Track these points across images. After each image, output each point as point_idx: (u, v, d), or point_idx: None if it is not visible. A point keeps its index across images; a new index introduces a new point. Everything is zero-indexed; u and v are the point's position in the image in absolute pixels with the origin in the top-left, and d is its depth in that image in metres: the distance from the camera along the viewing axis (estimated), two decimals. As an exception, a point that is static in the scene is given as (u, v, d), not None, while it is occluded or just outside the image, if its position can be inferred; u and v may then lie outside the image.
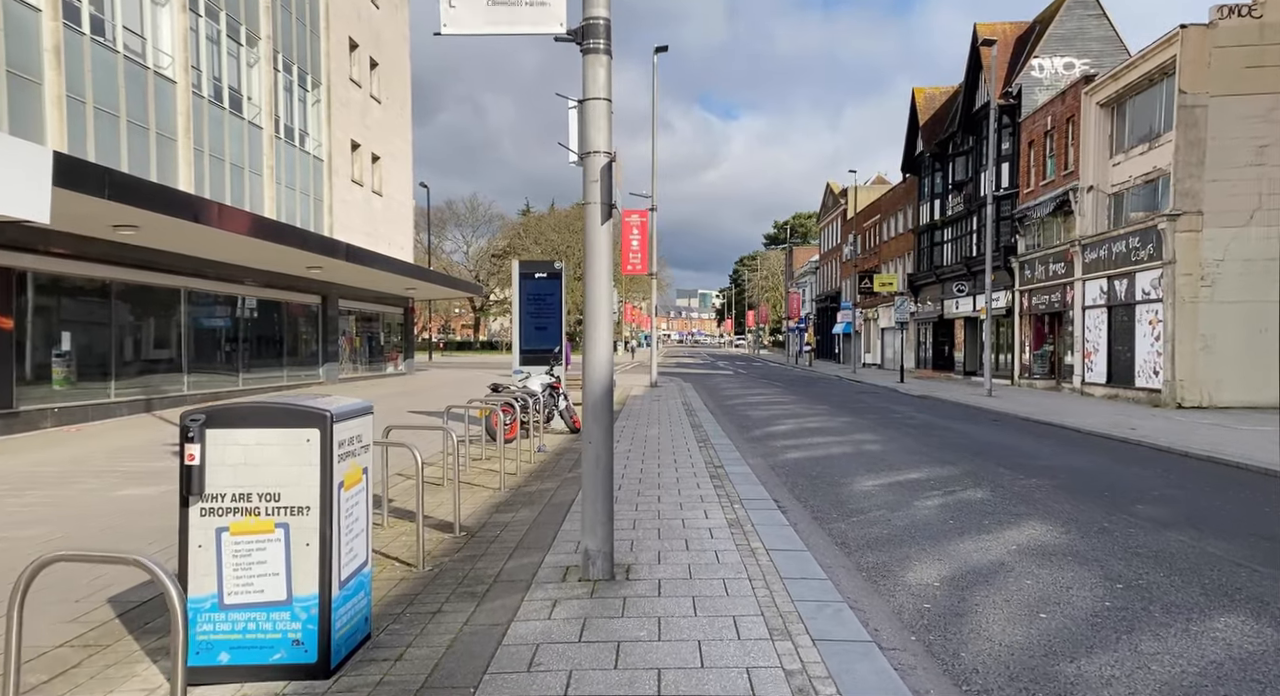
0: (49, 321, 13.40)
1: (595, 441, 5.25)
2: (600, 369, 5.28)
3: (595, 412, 5.26)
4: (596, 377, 5.28)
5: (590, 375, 5.28)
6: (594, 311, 5.30)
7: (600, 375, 5.28)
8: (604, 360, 5.29)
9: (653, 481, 8.73)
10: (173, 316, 16.74)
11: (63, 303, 13.71)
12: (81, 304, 14.15)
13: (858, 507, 8.00)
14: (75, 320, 13.95)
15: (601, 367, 5.28)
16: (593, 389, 5.27)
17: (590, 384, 5.28)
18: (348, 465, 3.94)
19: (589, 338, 5.31)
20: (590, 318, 5.31)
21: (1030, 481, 9.58)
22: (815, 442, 13.09)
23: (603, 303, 5.30)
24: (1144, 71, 20.78)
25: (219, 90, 19.22)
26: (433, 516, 7.21)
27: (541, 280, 14.22)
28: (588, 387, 5.29)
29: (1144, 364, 20.50)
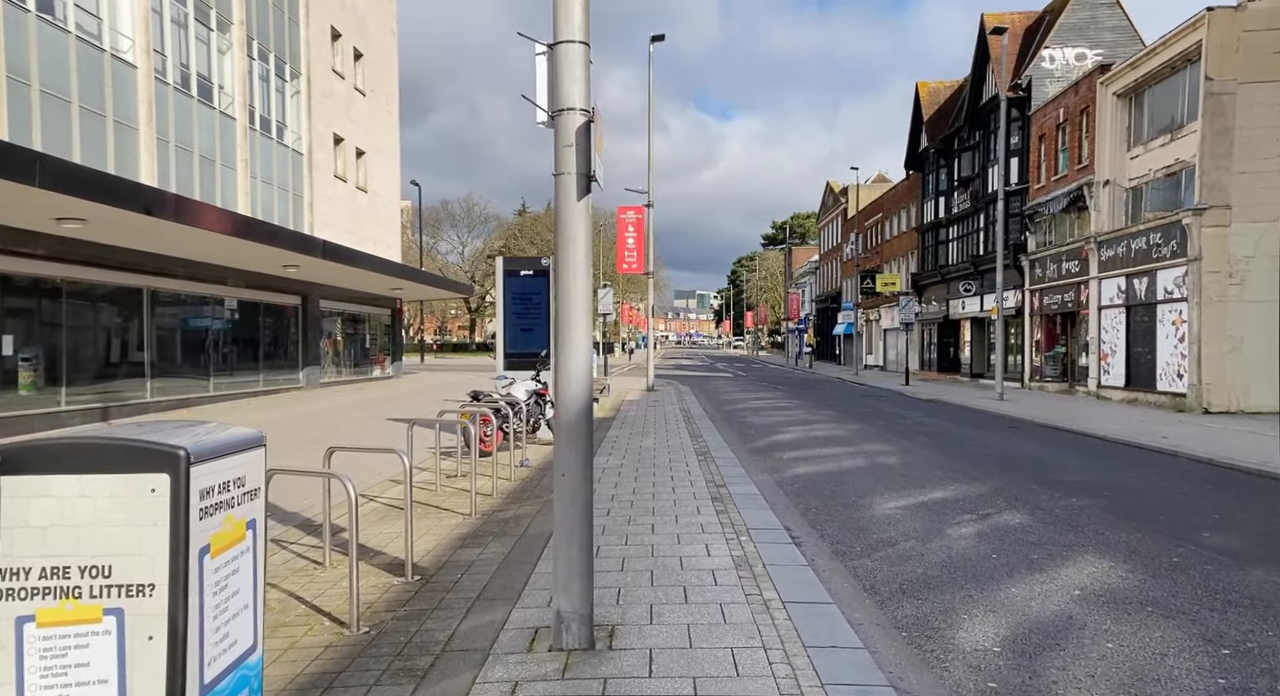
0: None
1: (571, 473, 4.18)
2: (576, 380, 4.20)
3: (570, 435, 4.19)
4: (572, 392, 4.20)
5: (564, 388, 4.21)
6: (568, 309, 4.22)
7: (576, 389, 4.20)
8: (580, 369, 4.21)
9: (646, 505, 7.66)
10: (134, 318, 15.64)
11: (3, 303, 12.60)
12: (26, 304, 13.05)
13: (883, 537, 6.92)
14: (19, 322, 12.85)
15: (577, 379, 4.21)
16: (567, 405, 4.20)
17: (564, 399, 4.21)
18: (219, 521, 2.85)
19: (562, 341, 4.24)
20: (564, 316, 4.24)
21: (1071, 501, 8.53)
22: (825, 454, 12.03)
23: (579, 298, 4.23)
24: (1165, 59, 19.74)
25: (186, 77, 18.12)
26: (385, 553, 6.14)
27: (528, 278, 13.13)
28: (561, 404, 4.22)
29: (1166, 366, 19.45)
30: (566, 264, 4.23)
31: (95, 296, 14.64)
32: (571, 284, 4.22)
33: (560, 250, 4.25)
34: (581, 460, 4.18)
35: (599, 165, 4.33)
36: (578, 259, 4.22)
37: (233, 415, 16.41)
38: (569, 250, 4.22)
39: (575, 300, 4.22)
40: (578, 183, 4.21)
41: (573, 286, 4.22)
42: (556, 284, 4.27)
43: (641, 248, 25.34)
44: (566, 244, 4.22)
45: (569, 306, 4.22)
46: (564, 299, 4.24)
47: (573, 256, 4.22)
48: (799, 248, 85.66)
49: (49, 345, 13.47)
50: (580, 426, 4.20)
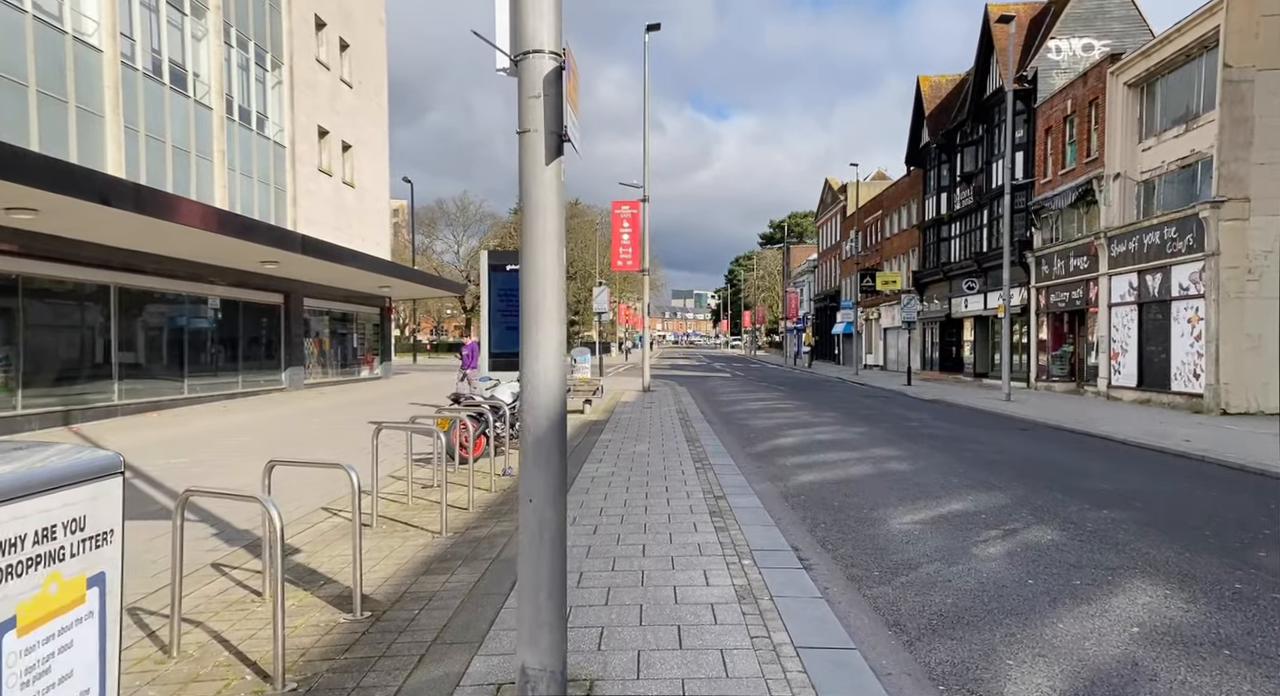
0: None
1: (539, 498, 3.41)
2: (545, 386, 3.43)
3: (538, 452, 3.42)
4: (540, 399, 3.43)
5: (530, 396, 3.44)
6: (535, 298, 3.45)
7: (545, 396, 3.43)
8: (551, 372, 3.44)
9: (638, 520, 6.89)
10: (101, 316, 14.84)
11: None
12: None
13: (902, 559, 6.16)
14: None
15: (547, 384, 3.44)
16: (534, 416, 3.43)
17: (530, 409, 3.44)
18: (34, 583, 2.09)
19: (528, 337, 3.47)
20: (530, 307, 3.47)
21: (1103, 513, 7.78)
22: (830, 460, 11.27)
23: (549, 285, 3.46)
24: (1180, 46, 19.02)
25: (157, 63, 17.29)
26: (336, 581, 5.37)
27: (514, 273, 12.35)
28: (526, 414, 3.45)
29: (1181, 366, 18.73)
30: (533, 242, 3.46)
31: (58, 293, 13.84)
32: (539, 267, 3.45)
33: (526, 225, 3.48)
34: (552, 483, 3.42)
35: (573, 122, 3.56)
36: (547, 234, 3.45)
37: (205, 418, 15.62)
38: (537, 224, 3.45)
39: (544, 287, 3.45)
40: (546, 142, 3.43)
41: (541, 270, 3.45)
42: (521, 266, 3.50)
43: (637, 244, 24.56)
44: (534, 217, 3.45)
45: (536, 294, 3.45)
46: (530, 285, 3.47)
47: (540, 232, 3.44)
48: (797, 246, 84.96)
49: (5, 344, 12.67)
50: (550, 441, 3.43)
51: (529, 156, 3.45)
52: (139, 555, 5.87)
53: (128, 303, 15.54)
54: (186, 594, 5.07)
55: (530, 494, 3.42)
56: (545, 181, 3.45)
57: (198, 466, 10.05)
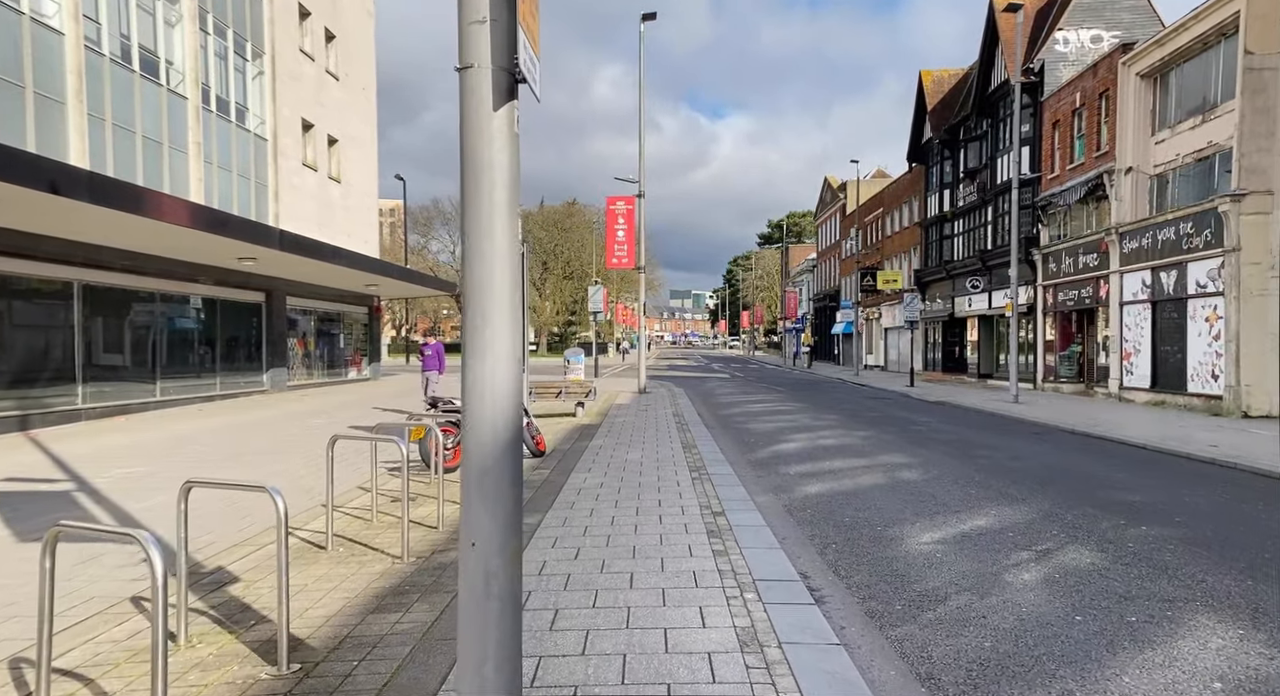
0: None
1: (484, 542, 2.64)
2: (494, 397, 2.66)
3: (483, 484, 2.65)
4: (487, 415, 2.66)
5: (475, 410, 2.67)
6: (480, 285, 2.68)
7: (493, 411, 2.66)
8: (502, 381, 2.67)
9: (626, 542, 6.13)
10: (63, 315, 14.05)
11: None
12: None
13: (927, 589, 5.39)
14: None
15: (497, 395, 2.66)
16: (478, 437, 2.66)
17: (474, 427, 2.66)
18: None
19: (472, 338, 2.70)
20: (474, 298, 2.70)
21: (1140, 530, 7.03)
22: (836, 468, 10.51)
23: (499, 266, 2.68)
24: (1197, 34, 18.28)
25: (126, 49, 16.48)
26: (272, 620, 4.59)
27: (498, 268, 11.59)
28: (469, 435, 2.68)
29: (1199, 366, 17.99)
30: (477, 213, 2.68)
31: (15, 291, 13.05)
32: (485, 246, 2.68)
33: (468, 192, 2.70)
34: (502, 522, 2.64)
35: (531, 57, 2.79)
36: (495, 204, 2.68)
37: (178, 422, 14.82)
38: (482, 190, 2.67)
39: (492, 270, 2.68)
40: (495, 81, 2.67)
41: (487, 250, 2.67)
42: (463, 244, 2.73)
43: (632, 241, 23.80)
44: (477, 180, 2.68)
45: (481, 279, 2.68)
46: (474, 268, 2.69)
47: (486, 200, 2.67)
48: (795, 246, 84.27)
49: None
50: (500, 468, 2.65)
51: (471, 101, 2.68)
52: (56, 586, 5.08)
53: (94, 301, 14.75)
54: (91, 637, 4.31)
55: (473, 536, 2.64)
56: (493, 134, 2.68)
57: (152, 477, 9.27)
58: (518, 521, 2.69)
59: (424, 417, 9.51)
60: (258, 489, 4.04)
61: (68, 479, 9.17)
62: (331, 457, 6.40)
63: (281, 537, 3.91)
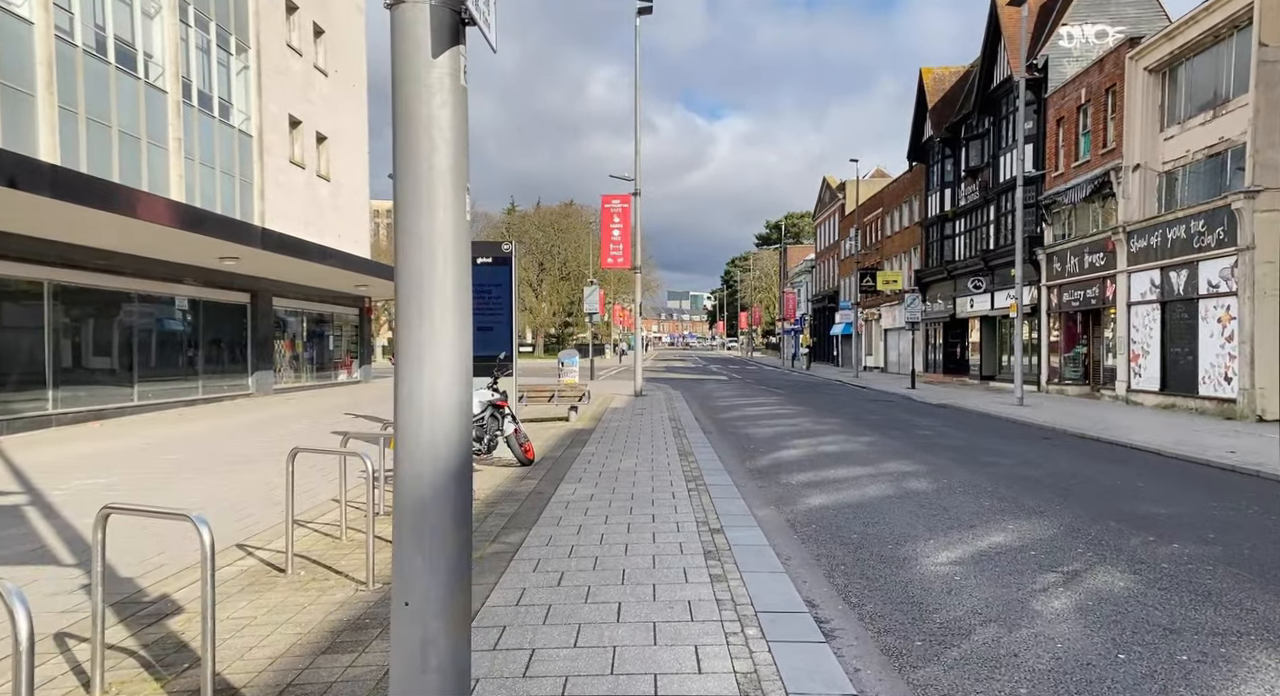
0: None
1: (419, 601, 2.10)
2: (434, 416, 2.11)
3: (420, 526, 2.10)
4: (425, 437, 2.11)
5: (411, 430, 2.12)
6: (417, 272, 2.14)
7: (432, 433, 2.11)
8: (446, 397, 2.12)
9: (615, 565, 5.58)
10: (32, 316, 13.47)
11: None
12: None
13: (949, 620, 4.85)
14: None
15: (438, 411, 2.12)
16: (415, 465, 2.11)
17: (410, 453, 2.12)
18: None
19: (407, 338, 2.15)
20: (409, 288, 2.15)
21: (1173, 548, 6.50)
22: (840, 477, 9.97)
23: (441, 254, 2.14)
24: (1208, 26, 17.78)
25: (101, 40, 15.90)
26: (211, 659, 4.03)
27: (485, 267, 11.04)
28: (403, 462, 2.13)
29: (1211, 368, 17.48)
30: (414, 182, 2.14)
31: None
32: (424, 224, 2.13)
33: (402, 152, 2.16)
34: (446, 577, 2.09)
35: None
36: (435, 171, 2.13)
37: (154, 428, 14.26)
38: (419, 154, 2.13)
39: (433, 254, 2.13)
40: (435, 19, 2.12)
41: (425, 229, 2.13)
42: (396, 217, 2.19)
43: (627, 240, 23.26)
44: (413, 138, 2.13)
45: (420, 265, 2.13)
46: (409, 250, 2.14)
47: (424, 164, 2.13)
48: (794, 247, 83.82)
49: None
50: (443, 509, 2.10)
51: (406, 44, 2.14)
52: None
53: (67, 302, 14.18)
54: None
55: (407, 592, 2.09)
56: (432, 86, 2.13)
57: (112, 490, 8.71)
58: (464, 573, 2.15)
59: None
60: (180, 517, 3.48)
61: (19, 492, 8.61)
62: (292, 472, 5.85)
63: (207, 576, 3.35)
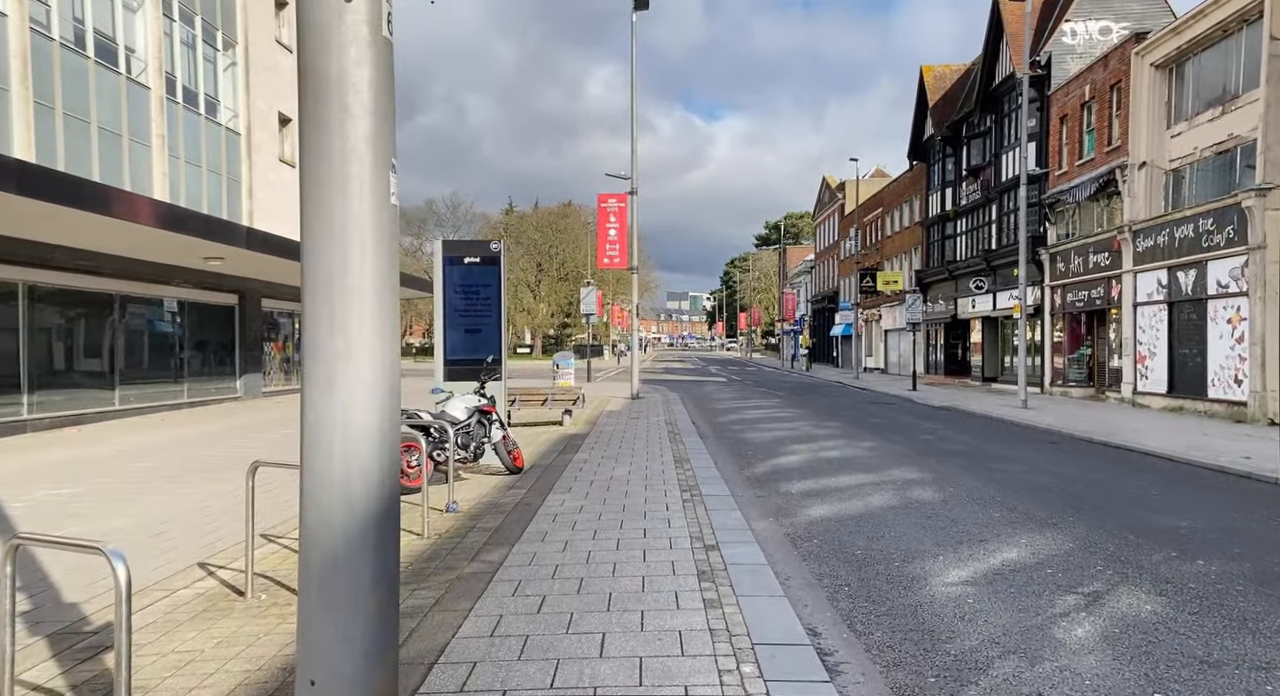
0: None
1: (326, 682, 1.67)
2: (347, 449, 1.70)
3: (330, 580, 1.72)
4: (335, 476, 1.70)
5: (316, 468, 1.70)
6: (330, 273, 1.72)
7: (345, 471, 1.70)
8: (365, 425, 1.70)
9: (602, 587, 5.16)
10: (5, 318, 13.04)
11: None
12: None
13: (964, 652, 4.43)
14: None
15: (353, 445, 1.70)
16: (320, 512, 1.69)
17: (315, 490, 1.70)
18: None
19: (311, 351, 1.74)
20: (317, 290, 1.73)
21: (1198, 565, 6.09)
22: (842, 486, 9.56)
23: (360, 249, 1.71)
24: (1216, 21, 17.39)
25: (80, 34, 15.47)
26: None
27: (473, 266, 10.63)
28: (310, 495, 1.72)
29: (1220, 370, 17.07)
30: (324, 149, 1.73)
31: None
32: (333, 202, 1.71)
33: (308, 118, 1.75)
34: (363, 650, 1.68)
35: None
36: (349, 140, 1.72)
37: (135, 433, 13.83)
38: (329, 115, 1.71)
39: (345, 245, 1.71)
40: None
41: (337, 207, 1.71)
42: (301, 198, 1.77)
43: (624, 240, 22.84)
44: (321, 100, 1.73)
45: (330, 261, 1.71)
46: (316, 240, 1.73)
47: (335, 133, 1.72)
48: (793, 247, 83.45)
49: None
50: (361, 566, 1.70)
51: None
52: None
53: (43, 303, 13.77)
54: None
55: (312, 670, 1.68)
56: (345, 38, 1.72)
57: (78, 500, 8.29)
58: (386, 644, 1.73)
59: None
60: (92, 550, 3.05)
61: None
62: (252, 487, 5.42)
63: (121, 619, 2.92)
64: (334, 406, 1.70)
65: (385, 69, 1.78)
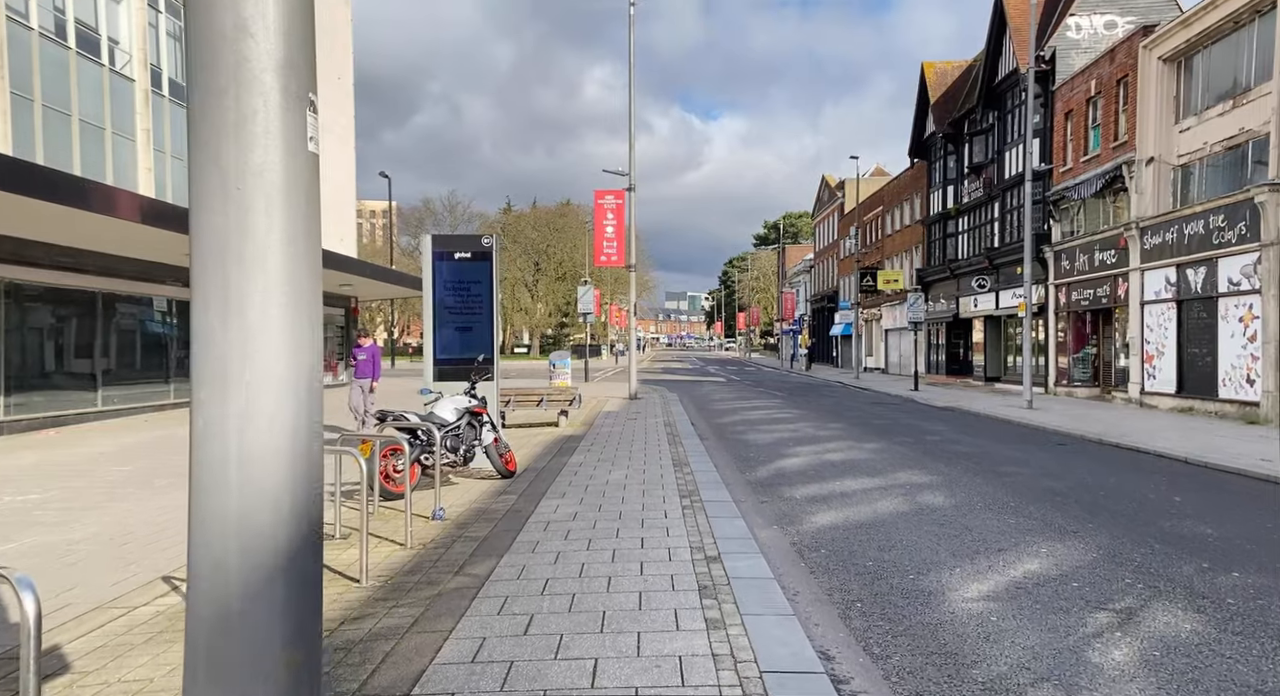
0: None
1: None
2: (246, 466, 1.30)
3: (220, 655, 1.28)
4: (230, 505, 1.30)
5: (206, 490, 1.30)
6: (222, 237, 1.30)
7: (241, 496, 1.29)
8: (268, 434, 1.29)
9: (594, 606, 4.75)
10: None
11: None
12: None
13: (991, 679, 4.03)
14: None
15: (254, 460, 1.29)
16: (207, 550, 1.28)
17: (203, 521, 1.30)
18: None
19: (202, 340, 1.31)
20: (209, 259, 1.31)
21: (1233, 578, 5.71)
22: (848, 490, 9.15)
23: (266, 210, 1.30)
24: (1227, 12, 17.00)
25: (61, 24, 15.03)
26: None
27: (464, 262, 10.23)
28: (195, 546, 1.31)
29: (1231, 370, 16.68)
30: (212, 77, 1.32)
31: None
32: (227, 150, 1.31)
33: (195, 38, 1.33)
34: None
35: None
36: (251, 64, 1.31)
37: (115, 435, 13.41)
38: (219, 29, 1.30)
39: (246, 208, 1.31)
40: None
41: (229, 155, 1.30)
42: (189, 150, 1.36)
43: (622, 238, 22.43)
44: (211, 9, 1.30)
45: (226, 224, 1.31)
46: (208, 202, 1.32)
47: (228, 54, 1.30)
48: (792, 246, 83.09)
49: None
50: (270, 626, 1.28)
51: None
52: None
53: (21, 301, 13.34)
54: None
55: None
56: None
57: (42, 508, 7.86)
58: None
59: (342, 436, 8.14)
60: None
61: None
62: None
63: (28, 657, 2.51)
64: (227, 415, 1.29)
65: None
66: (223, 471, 1.30)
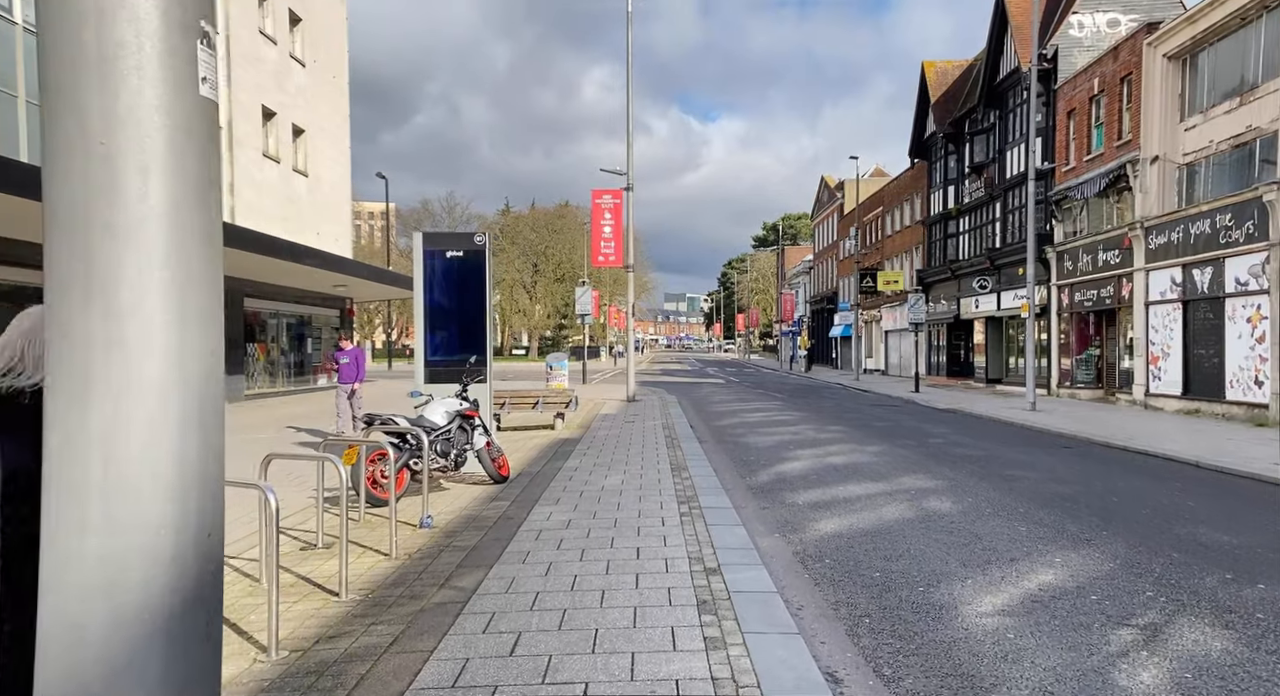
0: None
1: None
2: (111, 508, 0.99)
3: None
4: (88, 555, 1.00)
5: (58, 533, 1.00)
6: (82, 201, 1.01)
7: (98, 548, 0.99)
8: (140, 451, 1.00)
9: (586, 623, 4.46)
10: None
11: None
12: None
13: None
14: None
15: (127, 493, 0.99)
16: (56, 616, 0.99)
17: (56, 584, 0.99)
18: None
19: (59, 330, 1.02)
20: (59, 232, 1.03)
21: (1259, 590, 5.45)
22: (852, 496, 8.86)
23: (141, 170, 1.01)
24: (1234, 9, 16.75)
25: (46, 18, 14.68)
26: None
27: (456, 260, 9.94)
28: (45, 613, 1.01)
29: (1239, 371, 16.42)
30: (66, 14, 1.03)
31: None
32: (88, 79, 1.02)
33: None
34: None
35: None
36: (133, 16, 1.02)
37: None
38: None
39: (114, 161, 1.02)
40: None
41: (92, 100, 1.02)
42: (41, 74, 1.08)
43: (620, 237, 22.14)
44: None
45: (87, 186, 1.02)
46: (64, 155, 1.03)
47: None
48: (791, 248, 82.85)
49: None
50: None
51: None
52: None
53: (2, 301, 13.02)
54: None
55: None
56: None
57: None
58: None
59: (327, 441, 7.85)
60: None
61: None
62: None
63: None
64: (89, 431, 1.00)
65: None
66: (82, 504, 1.01)
